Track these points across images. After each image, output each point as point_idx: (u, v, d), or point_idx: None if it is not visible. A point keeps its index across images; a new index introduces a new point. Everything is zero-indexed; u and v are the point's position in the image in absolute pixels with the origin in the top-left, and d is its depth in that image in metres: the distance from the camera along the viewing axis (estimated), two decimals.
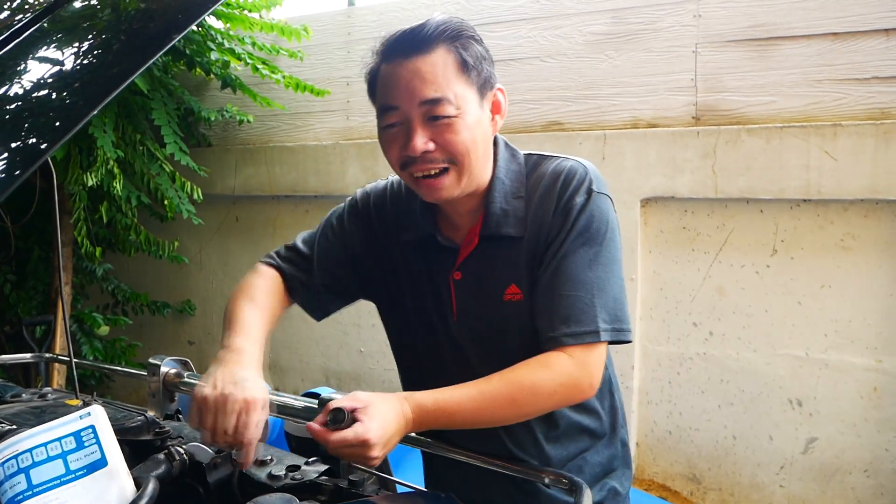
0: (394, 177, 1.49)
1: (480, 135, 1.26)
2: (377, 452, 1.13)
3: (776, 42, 2.91)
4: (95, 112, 0.67)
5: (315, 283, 1.46)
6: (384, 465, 1.63)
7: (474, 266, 1.33)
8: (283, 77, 3.65)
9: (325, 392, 1.69)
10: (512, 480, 1.25)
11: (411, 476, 1.53)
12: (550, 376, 1.22)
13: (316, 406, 1.61)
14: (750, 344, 3.04)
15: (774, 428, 3.03)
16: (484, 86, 1.27)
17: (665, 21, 3.11)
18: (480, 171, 1.30)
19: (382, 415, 1.14)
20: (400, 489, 1.49)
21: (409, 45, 1.23)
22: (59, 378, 3.51)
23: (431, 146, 1.22)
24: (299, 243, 1.50)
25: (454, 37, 1.23)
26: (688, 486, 3.24)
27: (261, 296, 1.38)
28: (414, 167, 1.25)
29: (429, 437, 1.48)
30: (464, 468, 1.40)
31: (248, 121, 3.95)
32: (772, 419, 3.03)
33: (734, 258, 3.04)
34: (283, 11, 3.86)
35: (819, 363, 2.92)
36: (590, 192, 1.28)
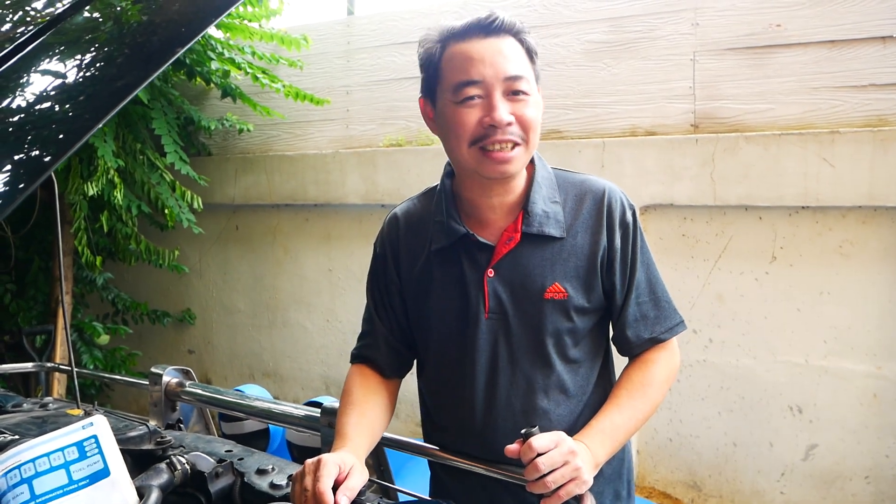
0: (415, 195, 1.55)
1: (540, 119, 1.35)
2: (579, 460, 1.17)
3: (773, 50, 2.93)
4: (100, 125, 0.68)
5: (394, 344, 1.51)
6: (386, 474, 1.63)
7: (512, 263, 1.37)
8: (284, 86, 3.67)
9: (327, 401, 1.69)
10: (517, 488, 1.26)
11: (416, 485, 1.53)
12: (667, 370, 1.42)
13: (318, 415, 1.62)
14: (750, 351, 3.05)
15: (775, 435, 3.03)
16: (538, 78, 1.37)
17: (663, 30, 3.13)
18: (531, 157, 1.38)
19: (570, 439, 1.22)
20: (402, 498, 1.49)
21: (486, 27, 1.31)
22: (59, 387, 3.51)
23: (513, 118, 1.28)
24: (363, 319, 1.58)
25: (520, 30, 1.33)
26: (688, 493, 3.23)
27: (357, 395, 1.45)
28: (489, 139, 1.29)
29: (433, 445, 1.49)
30: (468, 476, 1.41)
31: (248, 130, 3.97)
32: (772, 426, 3.03)
33: (733, 265, 3.05)
34: (282, 21, 3.88)
35: (819, 370, 2.92)
36: (632, 207, 1.43)
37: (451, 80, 1.31)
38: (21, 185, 0.71)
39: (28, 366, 2.53)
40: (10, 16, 1.06)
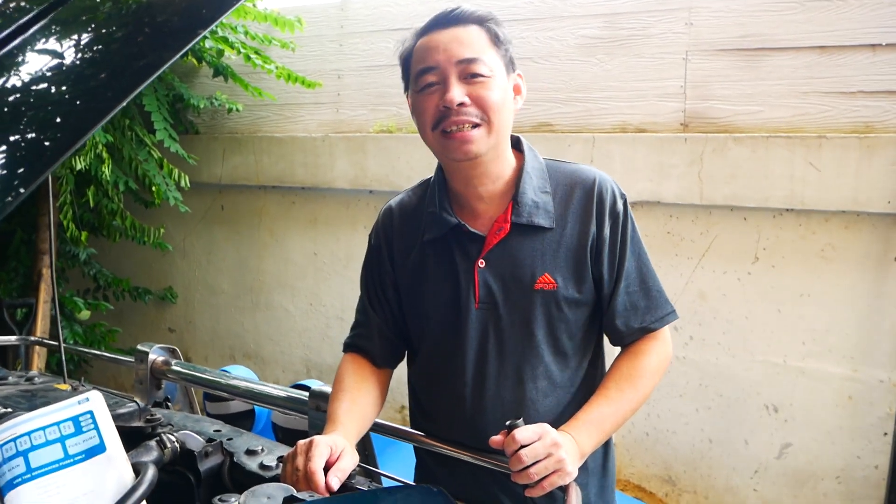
0: (411, 186, 1.56)
1: (507, 102, 1.37)
2: (563, 452, 1.19)
3: (765, 53, 2.96)
4: (117, 109, 0.67)
5: (386, 334, 1.52)
6: (371, 459, 1.65)
7: (502, 254, 1.39)
8: (276, 67, 3.64)
9: (315, 385, 1.70)
10: (504, 476, 1.28)
11: (398, 470, 1.55)
12: (657, 360, 1.44)
13: (306, 398, 1.63)
14: (729, 349, 3.09)
15: (750, 433, 3.08)
16: (510, 64, 1.40)
17: (657, 28, 3.14)
18: (505, 140, 1.39)
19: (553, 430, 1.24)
20: (386, 483, 1.51)
21: (445, 19, 1.36)
22: (38, 361, 3.47)
23: (467, 100, 1.31)
24: (357, 310, 1.59)
25: (485, 18, 1.38)
26: (663, 487, 3.29)
27: (349, 382, 1.46)
28: (447, 121, 1.32)
29: (420, 432, 1.51)
30: (454, 463, 1.43)
31: (237, 109, 3.93)
32: (748, 424, 3.08)
33: (717, 264, 3.09)
34: (275, 2, 3.84)
35: (796, 371, 2.97)
36: (623, 197, 1.44)
37: (414, 70, 1.37)
38: (32, 175, 0.70)
39: (11, 339, 2.50)
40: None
